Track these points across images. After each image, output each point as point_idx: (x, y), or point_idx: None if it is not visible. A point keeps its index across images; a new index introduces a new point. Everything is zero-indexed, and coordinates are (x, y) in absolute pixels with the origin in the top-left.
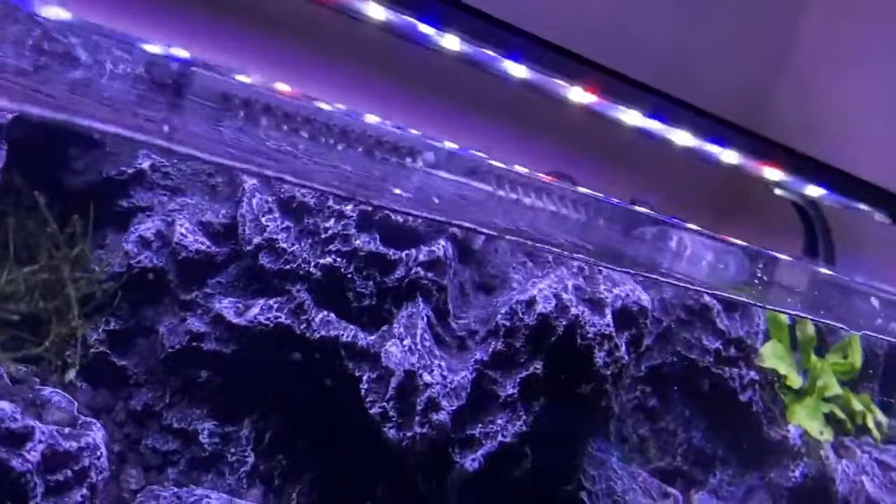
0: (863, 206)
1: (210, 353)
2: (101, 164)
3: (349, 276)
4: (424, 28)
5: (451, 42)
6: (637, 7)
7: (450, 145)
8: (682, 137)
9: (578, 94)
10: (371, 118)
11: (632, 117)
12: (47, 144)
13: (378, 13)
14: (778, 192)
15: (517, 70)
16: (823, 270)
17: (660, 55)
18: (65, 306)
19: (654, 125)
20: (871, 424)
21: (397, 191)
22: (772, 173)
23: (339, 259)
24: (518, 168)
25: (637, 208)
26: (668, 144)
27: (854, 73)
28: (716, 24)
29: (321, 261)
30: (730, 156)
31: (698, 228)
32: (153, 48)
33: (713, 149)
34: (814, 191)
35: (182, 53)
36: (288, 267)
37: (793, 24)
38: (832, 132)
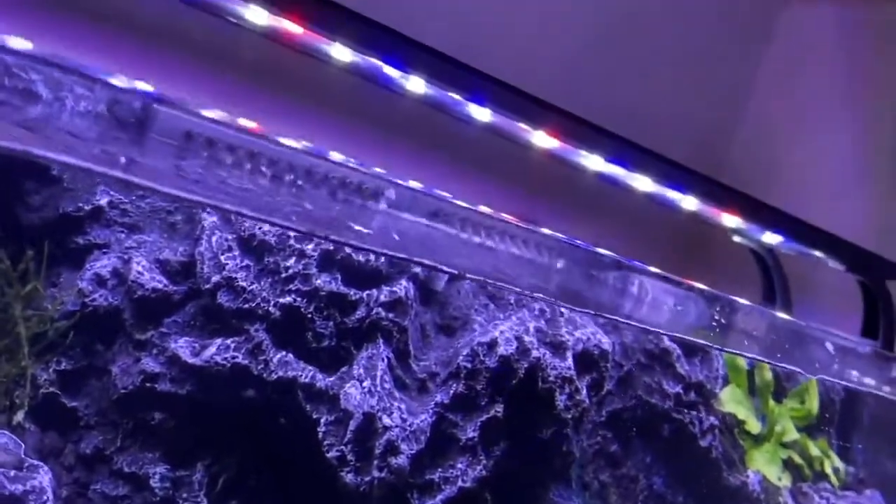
0: (818, 254)
1: (164, 394)
2: (59, 200)
3: (309, 315)
4: (389, 70)
5: (415, 84)
6: (598, 55)
7: (413, 184)
8: (642, 183)
9: (541, 139)
10: (335, 155)
11: (593, 162)
12: (3, 179)
13: (343, 55)
14: (736, 238)
15: (481, 113)
16: (781, 315)
17: (617, 103)
18: (15, 345)
19: (615, 170)
20: (828, 470)
21: (358, 227)
22: (730, 220)
23: (299, 298)
24: (481, 209)
25: (600, 251)
26: (628, 190)
27: (809, 124)
28: (673, 73)
29: (281, 300)
30: (689, 202)
31: (659, 272)
32: (116, 82)
33: (673, 195)
34: (771, 238)
35: (145, 87)
36: (247, 306)
37: (749, 73)
38: (787, 180)
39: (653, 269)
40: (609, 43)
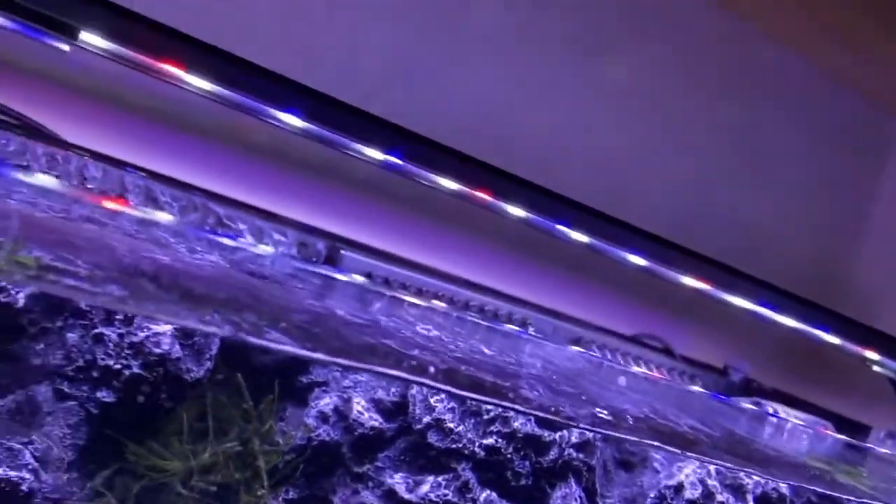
0: None
1: None
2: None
3: (508, 455)
4: (560, 227)
5: (578, 236)
6: (712, 180)
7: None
8: (783, 319)
9: (690, 281)
10: (522, 310)
11: (738, 300)
12: None
13: (518, 212)
14: (876, 368)
15: (633, 258)
16: None
17: (736, 226)
18: (253, 477)
19: (759, 309)
20: None
21: (526, 371)
22: (870, 353)
23: (500, 440)
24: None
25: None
26: (764, 319)
27: None
28: (792, 204)
29: (484, 441)
30: (830, 338)
31: (799, 421)
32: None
33: (816, 332)
34: None
35: (334, 230)
36: (454, 446)
37: (870, 193)
38: None
39: (796, 419)
40: (728, 168)
